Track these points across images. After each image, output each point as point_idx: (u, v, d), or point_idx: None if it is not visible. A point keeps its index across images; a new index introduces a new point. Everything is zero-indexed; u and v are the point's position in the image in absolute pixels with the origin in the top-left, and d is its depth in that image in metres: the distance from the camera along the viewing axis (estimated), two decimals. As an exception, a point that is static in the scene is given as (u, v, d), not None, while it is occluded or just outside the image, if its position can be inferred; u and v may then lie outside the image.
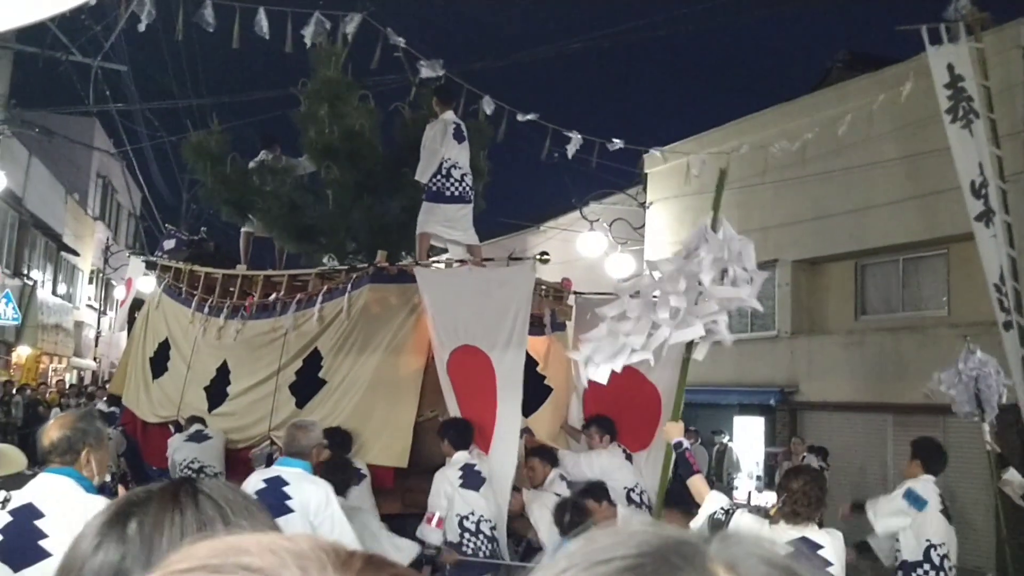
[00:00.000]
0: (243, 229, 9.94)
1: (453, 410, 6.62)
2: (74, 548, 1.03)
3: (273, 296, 8.34)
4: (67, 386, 22.98)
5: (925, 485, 6.00)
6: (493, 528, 6.04)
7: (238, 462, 7.71)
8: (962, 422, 8.78)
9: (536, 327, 7.45)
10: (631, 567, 0.60)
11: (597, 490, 5.85)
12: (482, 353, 6.43)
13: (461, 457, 6.14)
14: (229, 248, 10.97)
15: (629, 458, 6.83)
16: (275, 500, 4.22)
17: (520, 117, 9.48)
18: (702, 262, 5.00)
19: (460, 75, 9.04)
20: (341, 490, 5.07)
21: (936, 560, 5.78)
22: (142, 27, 7.77)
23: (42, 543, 3.02)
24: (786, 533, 3.93)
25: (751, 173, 15.37)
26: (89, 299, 30.25)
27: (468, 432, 6.29)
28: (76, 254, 27.17)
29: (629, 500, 6.41)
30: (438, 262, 8.46)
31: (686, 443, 5.16)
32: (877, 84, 12.78)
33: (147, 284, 10.98)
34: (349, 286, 7.51)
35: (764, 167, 15.04)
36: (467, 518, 5.98)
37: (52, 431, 3.24)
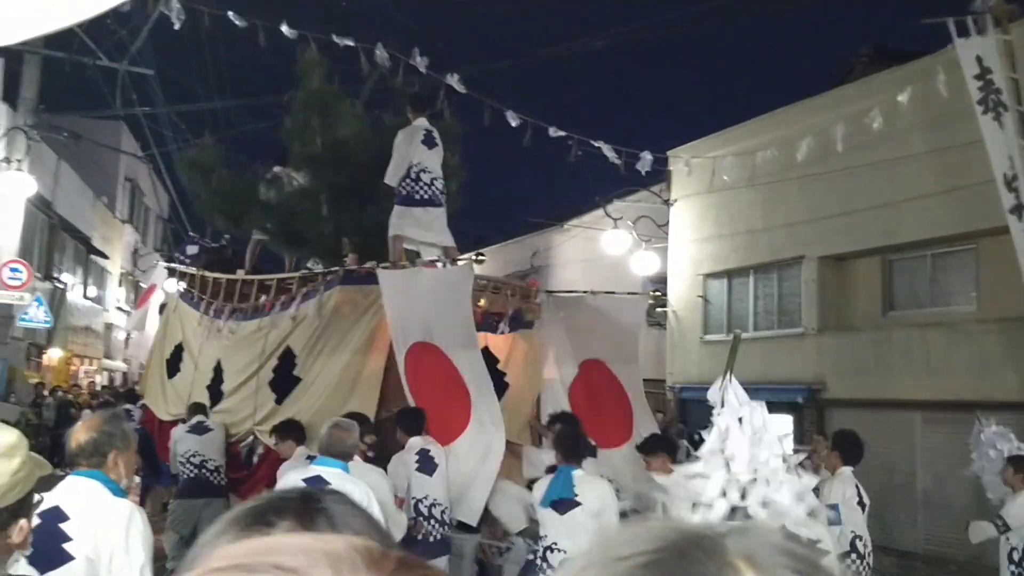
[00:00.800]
0: (253, 236, 10.27)
1: (411, 404, 6.87)
2: (207, 538, 1.00)
3: (263, 299, 8.76)
4: (98, 387, 23.25)
5: (845, 479, 6.23)
6: (444, 512, 6.27)
7: (232, 456, 8.41)
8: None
9: (499, 325, 7.83)
10: (650, 563, 0.60)
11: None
12: (437, 349, 6.66)
13: (416, 442, 6.39)
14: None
15: (593, 453, 6.97)
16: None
17: (553, 133, 9.52)
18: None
19: (484, 74, 9.11)
20: None
21: (861, 550, 5.95)
22: (176, 26, 7.91)
23: (66, 546, 3.02)
24: None
25: (776, 169, 15.26)
26: (118, 301, 30.57)
27: (421, 420, 6.55)
28: (105, 257, 27.46)
29: None
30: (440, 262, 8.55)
31: None
32: (903, 78, 12.65)
33: (169, 289, 11.41)
34: (322, 288, 7.90)
35: (789, 163, 14.94)
36: (421, 501, 6.23)
37: (79, 434, 3.24)
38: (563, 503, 5.43)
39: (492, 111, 8.89)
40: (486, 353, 7.62)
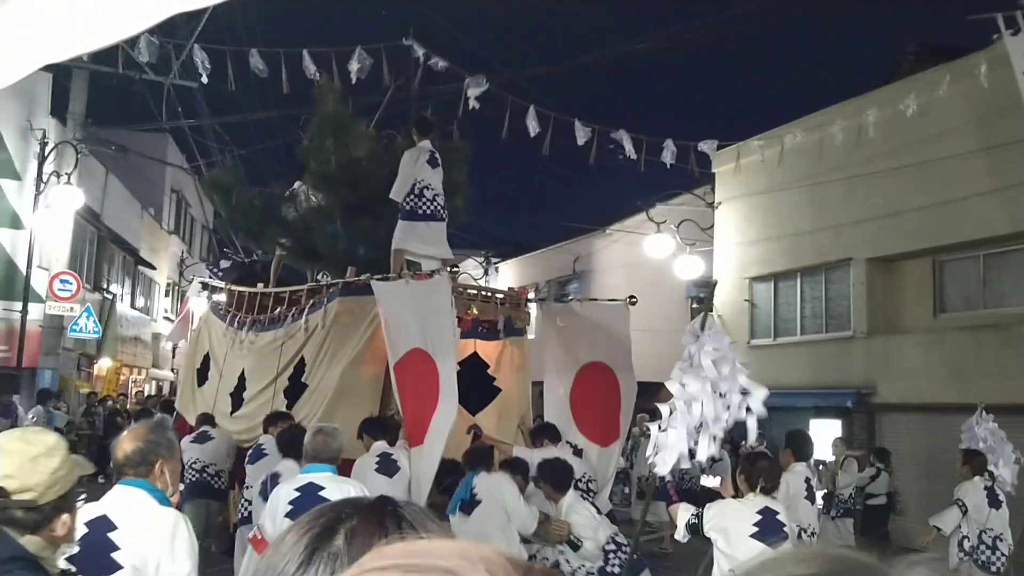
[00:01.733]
0: (278, 251, 10.84)
1: (399, 407, 7.27)
2: (276, 557, 1.02)
3: (279, 310, 9.33)
4: (145, 396, 23.58)
5: (796, 474, 6.66)
6: None
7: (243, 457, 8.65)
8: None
9: (490, 332, 8.24)
10: None
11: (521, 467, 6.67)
12: (428, 356, 6.94)
13: (379, 447, 6.81)
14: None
15: (579, 453, 7.62)
16: (314, 505, 4.16)
17: (579, 128, 9.48)
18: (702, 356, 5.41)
19: (524, 79, 9.12)
20: None
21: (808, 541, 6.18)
22: (204, 78, 8.13)
23: (114, 555, 3.06)
24: (755, 503, 4.82)
25: (822, 170, 15.07)
26: (166, 311, 31.01)
27: (385, 426, 7.06)
28: (152, 268, 27.87)
29: (575, 487, 6.85)
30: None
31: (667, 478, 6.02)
32: (950, 75, 12.43)
33: (202, 304, 11.89)
34: (326, 299, 8.48)
35: (835, 163, 14.74)
36: None
37: (125, 443, 3.27)
38: (466, 504, 6.03)
39: (538, 118, 8.89)
40: (476, 359, 8.12)
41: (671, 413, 5.42)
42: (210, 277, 12.38)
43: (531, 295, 10.72)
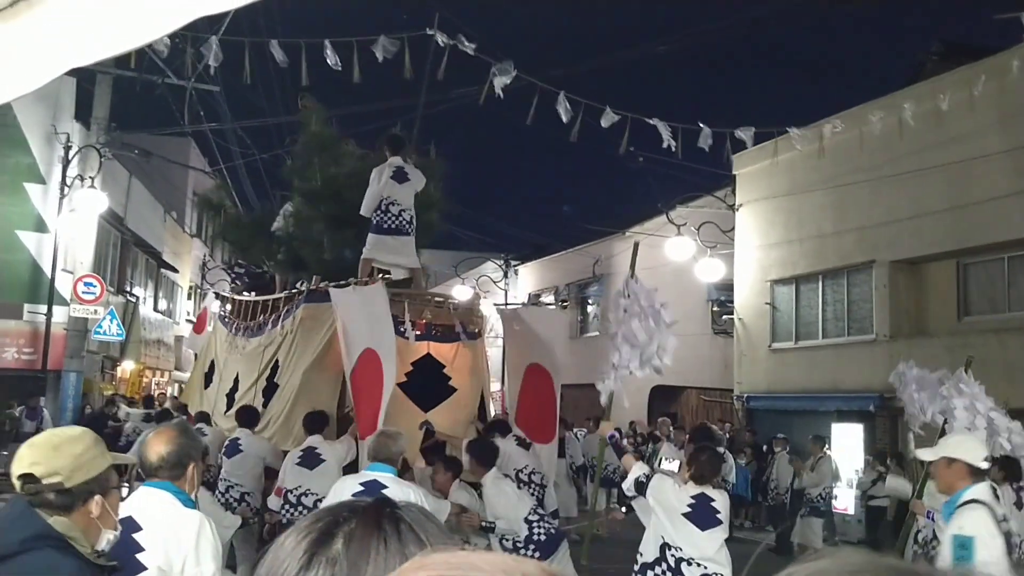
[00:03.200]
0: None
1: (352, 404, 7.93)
2: (276, 561, 1.02)
3: (262, 317, 10.13)
4: (167, 399, 23.70)
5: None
6: (319, 501, 6.94)
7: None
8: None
9: (444, 335, 8.75)
10: None
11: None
12: (376, 355, 7.45)
13: (309, 441, 7.47)
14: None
15: (526, 446, 8.08)
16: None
17: (608, 114, 9.40)
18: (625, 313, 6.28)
19: (547, 79, 9.08)
20: None
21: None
22: (212, 67, 8.24)
23: (139, 556, 3.09)
24: (692, 489, 5.36)
25: (844, 171, 14.97)
26: (188, 314, 31.20)
27: (319, 421, 7.65)
28: (175, 271, 28.06)
29: (518, 478, 7.56)
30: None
31: (616, 435, 6.72)
32: (975, 75, 12.29)
33: (214, 311, 12.94)
34: (294, 306, 9.25)
35: (858, 165, 14.63)
36: (292, 492, 7.22)
37: (159, 445, 3.28)
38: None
39: (567, 104, 8.84)
40: (430, 359, 8.61)
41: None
42: (231, 282, 13.31)
43: (492, 303, 11.64)
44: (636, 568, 5.51)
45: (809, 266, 16.53)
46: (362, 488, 4.96)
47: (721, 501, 5.45)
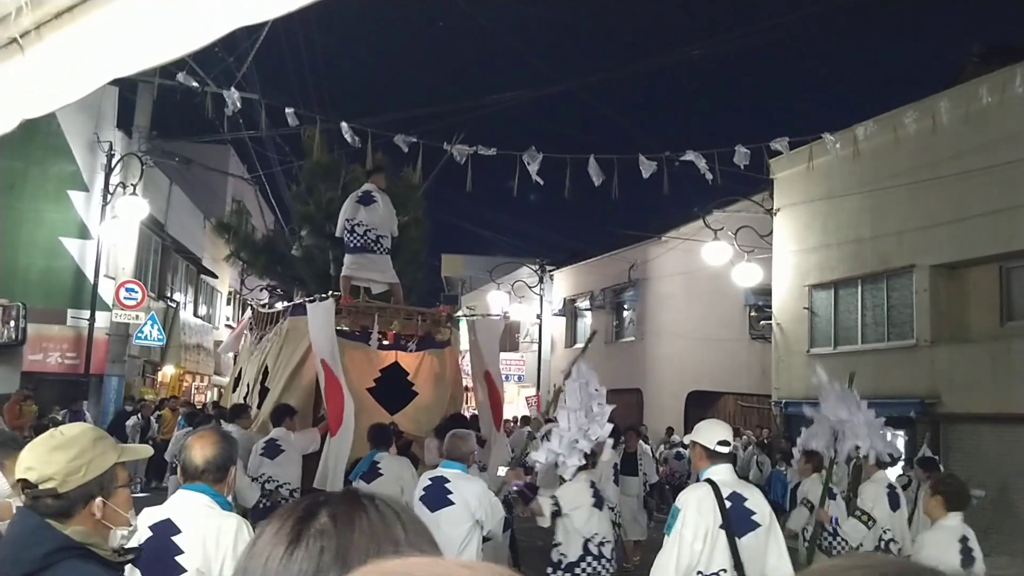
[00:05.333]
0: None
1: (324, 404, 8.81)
2: (258, 548, 1.03)
3: (268, 327, 11.08)
4: (206, 403, 23.98)
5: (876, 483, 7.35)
6: (279, 487, 8.14)
7: None
8: None
9: (411, 345, 9.62)
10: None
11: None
12: (327, 364, 8.40)
13: (273, 432, 8.44)
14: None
15: (480, 443, 8.47)
16: (439, 495, 5.38)
17: (643, 163, 9.72)
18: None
19: (580, 87, 9.12)
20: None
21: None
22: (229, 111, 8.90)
23: (178, 559, 3.17)
24: (584, 481, 6.29)
25: (884, 175, 14.81)
26: (227, 319, 31.55)
27: (282, 413, 8.63)
28: (215, 276, 28.38)
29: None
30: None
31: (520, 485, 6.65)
32: (1016, 76, 12.11)
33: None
34: (283, 318, 10.34)
35: (898, 168, 14.46)
36: (256, 479, 8.01)
37: (204, 449, 3.36)
38: (367, 475, 7.31)
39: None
40: (396, 367, 9.53)
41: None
42: (268, 291, 15.03)
43: (463, 312, 13.32)
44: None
45: (848, 270, 16.35)
46: (430, 482, 5.51)
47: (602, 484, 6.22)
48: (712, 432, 4.72)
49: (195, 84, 10.78)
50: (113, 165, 18.00)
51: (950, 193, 13.76)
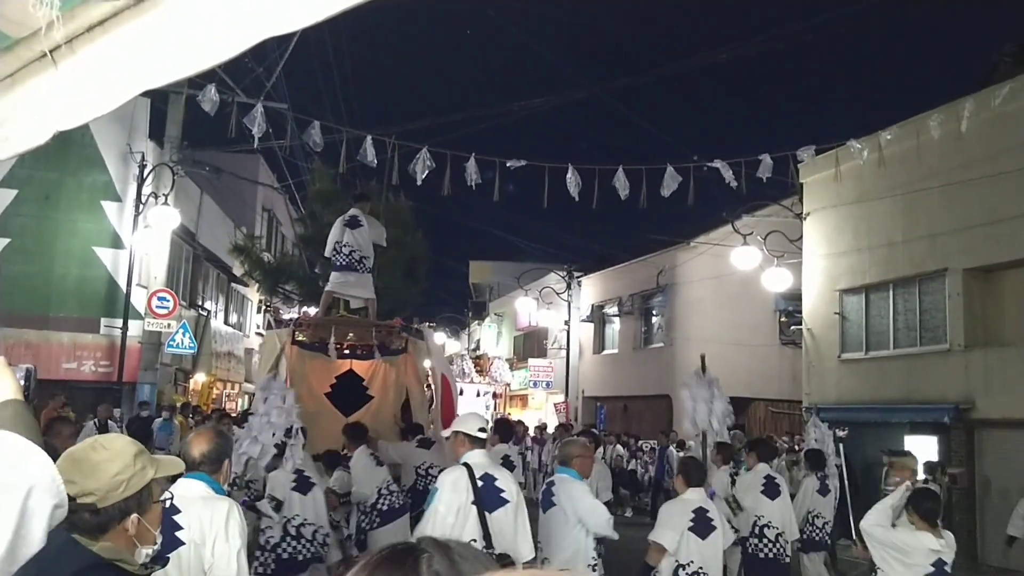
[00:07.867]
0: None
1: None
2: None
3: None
4: (237, 410, 24.15)
5: (758, 472, 8.20)
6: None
7: None
8: None
9: (365, 354, 10.41)
10: None
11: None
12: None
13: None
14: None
15: (427, 445, 9.63)
16: (545, 498, 5.91)
17: (671, 175, 9.81)
18: None
19: (608, 91, 9.12)
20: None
21: (768, 535, 7.48)
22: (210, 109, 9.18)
23: (178, 534, 3.69)
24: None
25: (916, 177, 14.66)
26: (258, 327, 31.74)
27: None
28: (245, 285, 28.57)
29: (416, 472, 9.38)
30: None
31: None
32: (1052, 77, 11.97)
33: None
34: (268, 331, 11.66)
35: (930, 171, 14.31)
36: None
37: (201, 444, 3.96)
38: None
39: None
40: (352, 374, 10.42)
41: None
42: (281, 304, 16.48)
43: (423, 324, 15.40)
44: None
45: (879, 275, 16.20)
46: (545, 486, 6.09)
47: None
48: (472, 423, 5.46)
49: (223, 95, 10.97)
50: (145, 175, 18.20)
51: (983, 195, 13.60)
